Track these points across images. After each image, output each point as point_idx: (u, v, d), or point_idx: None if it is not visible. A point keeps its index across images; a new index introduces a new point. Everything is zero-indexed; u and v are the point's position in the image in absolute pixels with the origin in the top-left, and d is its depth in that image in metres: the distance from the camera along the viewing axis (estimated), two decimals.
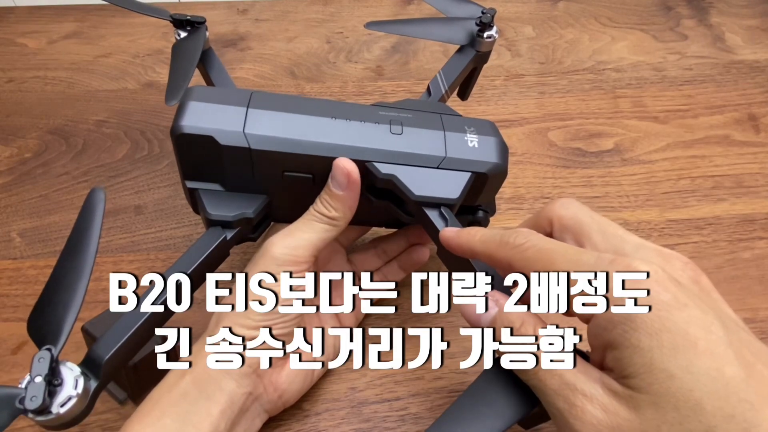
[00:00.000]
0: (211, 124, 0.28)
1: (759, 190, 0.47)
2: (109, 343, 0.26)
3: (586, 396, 0.20)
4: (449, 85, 0.38)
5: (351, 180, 0.29)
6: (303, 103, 0.30)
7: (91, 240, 0.25)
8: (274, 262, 0.29)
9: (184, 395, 0.27)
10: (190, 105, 0.28)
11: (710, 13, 0.65)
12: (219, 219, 0.29)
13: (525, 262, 0.23)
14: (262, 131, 0.28)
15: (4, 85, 0.55)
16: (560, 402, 0.21)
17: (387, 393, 0.35)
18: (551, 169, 0.48)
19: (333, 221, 0.30)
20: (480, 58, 0.40)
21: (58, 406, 0.23)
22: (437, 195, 0.29)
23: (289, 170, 0.29)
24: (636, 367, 0.19)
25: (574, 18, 0.64)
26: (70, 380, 0.24)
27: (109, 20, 0.62)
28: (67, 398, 0.23)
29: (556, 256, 0.22)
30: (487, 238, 0.25)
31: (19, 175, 0.47)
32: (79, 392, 0.23)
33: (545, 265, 0.22)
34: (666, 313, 0.19)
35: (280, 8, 0.64)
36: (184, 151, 0.29)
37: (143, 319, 0.27)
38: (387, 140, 0.30)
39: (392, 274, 0.38)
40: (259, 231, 0.33)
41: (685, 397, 0.18)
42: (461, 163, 0.30)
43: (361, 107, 0.31)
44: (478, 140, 0.31)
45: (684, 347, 0.18)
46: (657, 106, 0.54)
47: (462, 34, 0.40)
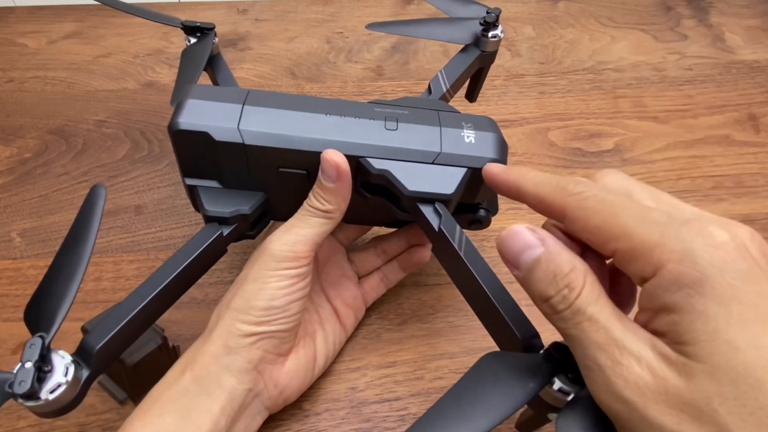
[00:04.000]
0: (206, 121, 0.28)
1: (759, 190, 0.47)
2: (102, 333, 0.26)
3: (633, 355, 0.19)
4: (451, 84, 0.38)
5: (340, 171, 0.28)
6: (298, 101, 0.30)
7: (90, 234, 0.26)
8: (273, 259, 0.29)
9: (184, 392, 0.27)
10: (188, 102, 0.29)
11: (710, 13, 0.65)
12: (216, 215, 0.30)
13: (583, 212, 0.21)
14: (256, 127, 0.29)
15: (4, 85, 0.55)
16: (602, 358, 0.19)
17: (387, 393, 0.35)
18: (551, 169, 0.48)
19: (328, 214, 0.30)
20: (485, 58, 0.40)
21: (48, 393, 0.23)
22: (431, 190, 0.29)
23: (284, 166, 0.30)
24: (696, 334, 0.18)
25: (574, 18, 0.64)
26: (60, 367, 0.24)
27: (109, 20, 0.62)
28: (57, 385, 0.23)
29: (620, 209, 0.20)
30: (540, 180, 0.23)
31: (19, 175, 0.47)
32: (69, 380, 0.24)
33: (606, 218, 0.20)
34: (740, 282, 0.18)
35: (280, 8, 0.64)
36: (182, 147, 0.29)
37: (136, 310, 0.27)
38: (381, 136, 0.29)
39: (392, 273, 0.38)
40: (258, 229, 0.33)
41: (747, 372, 0.17)
42: (457, 158, 0.30)
43: (357, 104, 0.31)
44: (475, 136, 0.30)
45: (753, 321, 0.17)
46: (657, 106, 0.54)
47: (465, 33, 0.39)
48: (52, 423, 0.33)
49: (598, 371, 0.19)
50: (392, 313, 0.39)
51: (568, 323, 0.20)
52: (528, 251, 0.22)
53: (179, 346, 0.34)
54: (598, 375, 0.19)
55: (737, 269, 0.18)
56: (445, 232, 0.28)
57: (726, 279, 0.18)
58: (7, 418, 0.33)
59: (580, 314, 0.20)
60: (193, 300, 0.39)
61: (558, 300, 0.20)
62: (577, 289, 0.20)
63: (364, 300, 0.37)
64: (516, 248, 0.22)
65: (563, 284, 0.20)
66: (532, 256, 0.21)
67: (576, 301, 0.20)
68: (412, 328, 0.38)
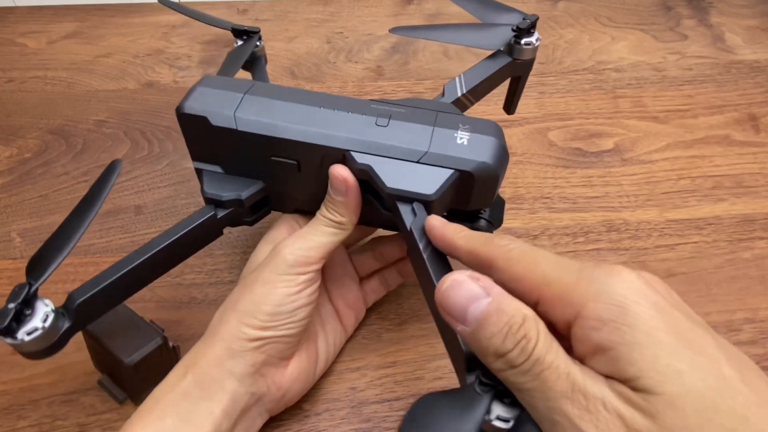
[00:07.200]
0: (207, 107, 0.30)
1: (759, 190, 0.47)
2: (86, 289, 0.27)
3: (598, 400, 0.18)
4: (468, 89, 0.36)
5: (349, 186, 0.29)
6: (298, 94, 0.31)
7: (97, 201, 0.28)
8: (285, 263, 0.29)
9: (185, 395, 0.27)
10: (197, 89, 0.31)
11: (710, 13, 0.65)
12: (212, 197, 0.31)
13: (508, 262, 0.22)
14: (250, 115, 0.30)
15: (4, 85, 0.55)
16: (569, 407, 0.18)
17: (387, 393, 0.35)
18: (551, 169, 0.48)
19: (340, 225, 0.30)
20: (520, 66, 0.38)
21: (24, 334, 0.25)
22: (411, 189, 0.28)
23: (275, 155, 0.30)
24: (639, 365, 0.18)
25: (574, 18, 0.64)
26: (40, 313, 0.25)
27: (109, 20, 0.62)
28: (34, 329, 0.25)
29: (540, 258, 0.22)
30: (471, 236, 0.24)
31: (19, 175, 0.47)
32: (47, 326, 0.25)
33: (527, 266, 0.21)
34: (656, 312, 0.19)
35: (280, 8, 0.64)
36: (187, 131, 0.31)
37: (122, 272, 0.28)
38: (368, 131, 0.29)
39: (392, 278, 0.38)
40: (256, 216, 0.34)
41: (701, 396, 0.17)
42: (443, 159, 0.29)
43: (354, 100, 0.31)
44: (470, 138, 0.29)
45: (681, 345, 0.18)
46: (657, 106, 0.54)
47: (495, 39, 0.37)
48: (52, 423, 0.33)
49: (568, 423, 0.18)
50: (392, 313, 0.39)
51: (526, 376, 0.19)
52: (475, 304, 0.20)
53: (179, 346, 0.34)
54: (568, 427, 0.18)
55: (650, 300, 0.19)
56: (414, 233, 0.27)
57: (643, 309, 0.19)
58: (7, 419, 0.33)
59: (540, 364, 0.19)
60: (193, 300, 0.39)
61: (516, 354, 0.19)
62: (534, 338, 0.19)
63: (365, 301, 0.37)
64: (460, 302, 0.21)
65: (520, 335, 0.19)
66: (480, 309, 0.20)
67: (534, 351, 0.19)
68: (412, 328, 0.38)
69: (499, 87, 0.39)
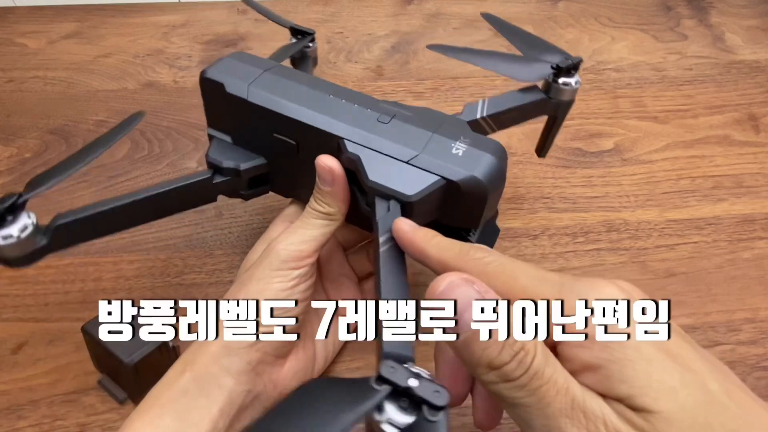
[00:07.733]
0: (227, 75, 0.32)
1: (759, 190, 0.47)
2: (69, 215, 0.29)
3: (599, 418, 0.17)
4: (489, 114, 0.35)
5: (335, 175, 0.29)
6: (313, 81, 0.32)
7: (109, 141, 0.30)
8: (279, 258, 0.29)
9: (183, 392, 0.27)
10: (225, 60, 0.33)
11: (710, 13, 0.65)
12: (213, 162, 0.33)
13: (485, 277, 0.20)
14: (262, 89, 0.31)
15: (4, 85, 0.55)
16: (569, 426, 0.18)
17: None
18: (551, 169, 0.48)
19: (330, 216, 0.30)
20: (554, 106, 0.37)
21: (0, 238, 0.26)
22: (392, 186, 0.28)
23: (277, 132, 0.31)
24: (632, 382, 0.17)
25: (574, 18, 0.64)
26: (20, 223, 0.26)
27: (109, 20, 0.62)
28: (9, 235, 0.26)
29: (519, 272, 0.21)
30: (444, 246, 0.23)
31: (19, 175, 0.47)
32: (22, 237, 0.26)
33: (506, 281, 0.20)
34: None
35: (280, 8, 0.64)
36: (206, 95, 0.33)
37: (107, 207, 0.30)
38: (367, 124, 0.30)
39: None
40: (252, 192, 0.35)
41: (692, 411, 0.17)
42: (433, 164, 0.28)
43: (365, 96, 0.32)
44: (466, 150, 0.28)
45: (669, 360, 0.18)
46: (657, 106, 0.54)
47: (532, 73, 0.36)
48: (52, 423, 0.33)
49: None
50: None
51: (523, 391, 0.18)
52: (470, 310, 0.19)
53: (179, 346, 0.34)
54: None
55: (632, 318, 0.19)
56: (378, 226, 0.27)
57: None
58: (8, 419, 0.33)
59: (538, 378, 0.18)
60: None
61: (513, 367, 0.18)
62: (532, 350, 0.18)
63: None
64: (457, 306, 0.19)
65: (518, 347, 0.18)
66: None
67: (533, 364, 0.18)
68: None
69: None
